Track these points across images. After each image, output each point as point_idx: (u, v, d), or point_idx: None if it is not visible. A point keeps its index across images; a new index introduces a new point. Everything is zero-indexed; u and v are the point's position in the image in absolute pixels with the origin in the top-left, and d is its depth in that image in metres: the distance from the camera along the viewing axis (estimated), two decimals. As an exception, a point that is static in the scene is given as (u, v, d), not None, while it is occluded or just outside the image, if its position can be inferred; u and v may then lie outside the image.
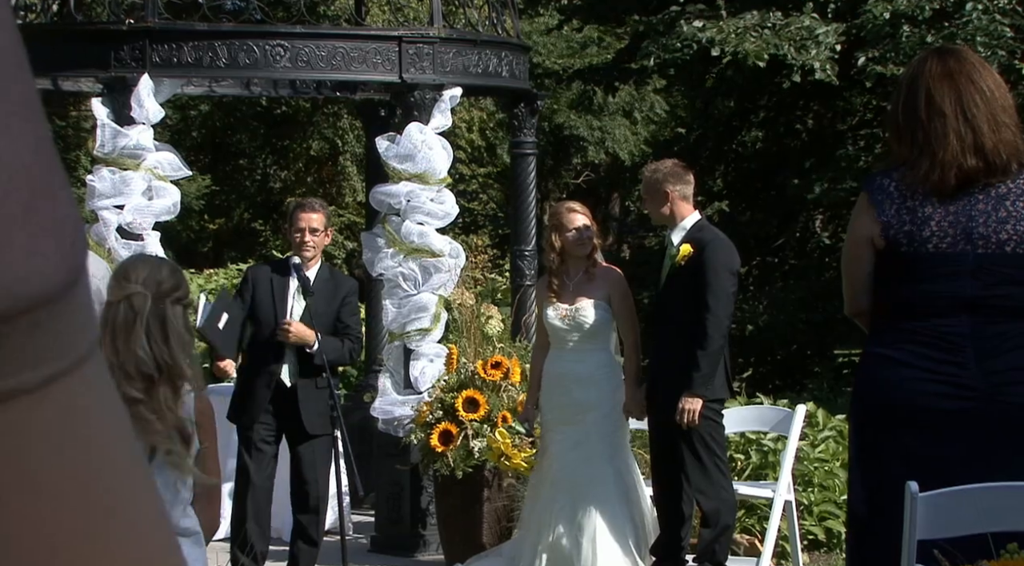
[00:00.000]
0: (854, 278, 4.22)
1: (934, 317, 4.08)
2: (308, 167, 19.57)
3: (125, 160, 8.12)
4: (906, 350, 4.09)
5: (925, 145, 4.08)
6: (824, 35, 13.17)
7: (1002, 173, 4.09)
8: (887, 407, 4.10)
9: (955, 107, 4.07)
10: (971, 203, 4.08)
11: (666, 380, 6.83)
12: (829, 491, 8.49)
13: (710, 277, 6.76)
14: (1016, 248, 4.09)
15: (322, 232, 7.20)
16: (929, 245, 4.08)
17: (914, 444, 4.06)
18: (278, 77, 9.05)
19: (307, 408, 7.03)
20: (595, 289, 7.01)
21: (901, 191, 4.09)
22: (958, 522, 3.60)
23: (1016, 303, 4.12)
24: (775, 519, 7.69)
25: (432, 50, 8.56)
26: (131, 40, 8.27)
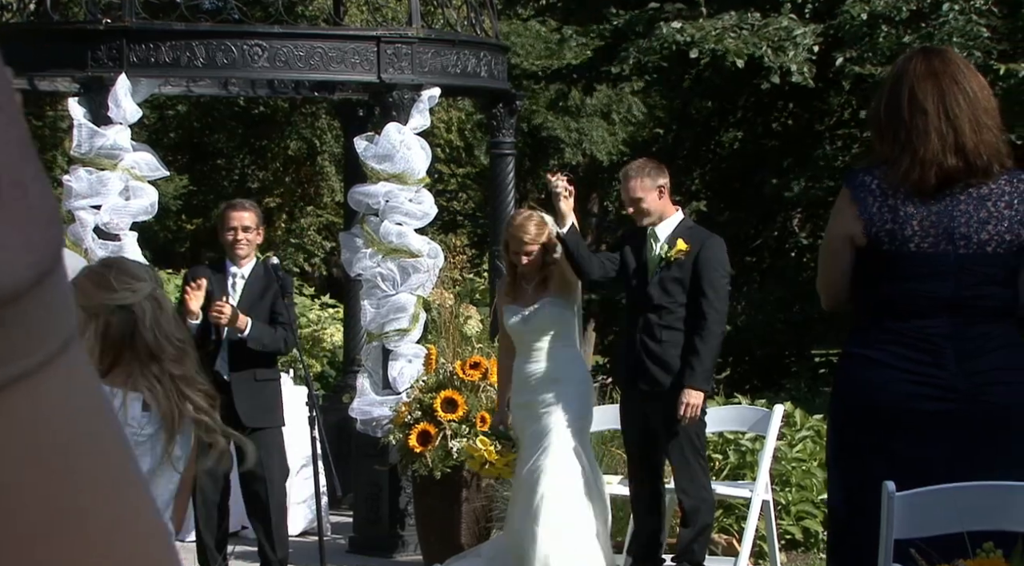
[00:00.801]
0: (832, 274, 4.22)
1: (915, 318, 4.09)
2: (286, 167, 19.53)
3: (102, 160, 8.10)
4: (886, 351, 4.09)
5: (907, 143, 4.08)
6: (802, 36, 13.20)
7: (983, 174, 4.10)
8: (867, 408, 4.11)
9: (938, 106, 4.07)
10: (953, 203, 4.09)
11: (652, 375, 6.88)
12: (807, 491, 8.51)
13: (710, 273, 6.88)
14: (997, 248, 4.10)
15: (254, 230, 7.25)
16: (911, 244, 4.08)
17: (895, 445, 4.07)
18: (256, 77, 9.03)
19: (242, 401, 7.03)
20: (551, 285, 7.02)
21: (883, 189, 4.10)
22: (935, 521, 3.61)
23: (997, 304, 4.13)
24: (753, 519, 7.70)
25: (411, 50, 8.55)
26: (108, 40, 8.24)
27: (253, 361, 7.10)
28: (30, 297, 0.56)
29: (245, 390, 7.08)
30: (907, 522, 3.62)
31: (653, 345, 6.91)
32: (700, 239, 6.96)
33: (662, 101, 17.50)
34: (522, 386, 7.03)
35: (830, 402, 4.37)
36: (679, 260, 6.88)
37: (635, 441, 7.08)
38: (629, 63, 13.67)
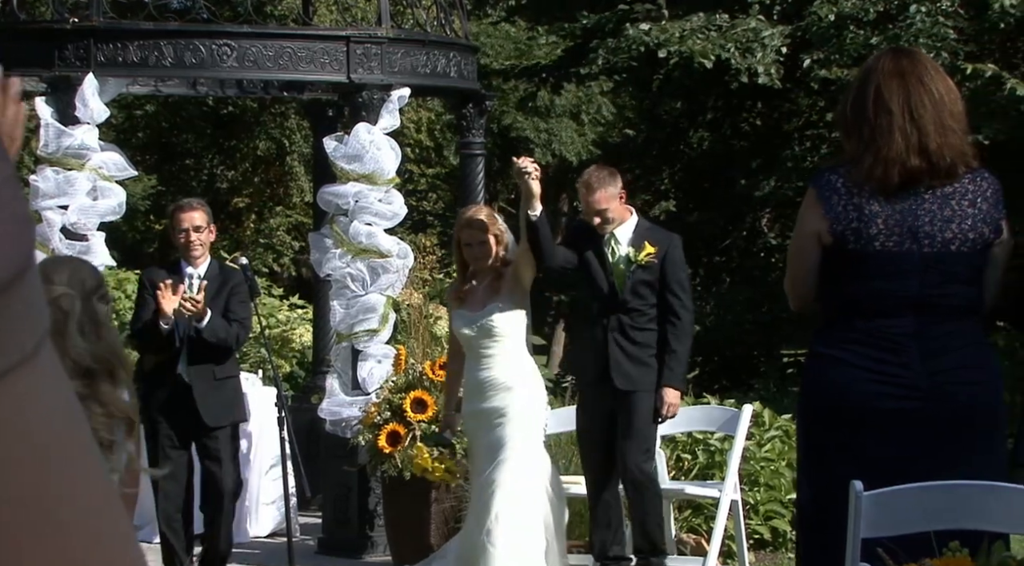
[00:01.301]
0: (800, 273, 4.23)
1: (880, 317, 4.10)
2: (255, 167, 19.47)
3: (69, 160, 8.06)
4: (851, 350, 4.11)
5: (871, 141, 4.10)
6: (770, 37, 13.25)
7: (946, 176, 4.11)
8: (834, 408, 4.12)
9: (903, 106, 4.08)
10: (917, 202, 4.10)
11: (629, 375, 6.95)
12: (775, 491, 8.54)
13: (679, 273, 7.05)
14: (961, 247, 4.11)
15: (205, 229, 7.24)
16: (876, 243, 4.09)
17: (861, 444, 4.08)
18: (225, 77, 9.01)
19: (203, 400, 7.04)
20: (502, 289, 6.90)
21: (848, 187, 4.11)
22: (902, 521, 3.63)
23: (962, 302, 4.14)
24: (721, 518, 7.72)
25: (380, 50, 8.54)
26: (75, 39, 8.21)
27: (211, 360, 7.11)
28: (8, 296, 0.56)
29: (206, 389, 7.09)
30: (874, 521, 3.63)
31: (629, 346, 6.96)
32: (663, 240, 7.07)
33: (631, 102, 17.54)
34: (474, 394, 6.90)
35: (798, 402, 4.38)
36: (649, 263, 6.95)
37: (600, 440, 7.09)
38: (598, 63, 13.70)
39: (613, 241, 7.02)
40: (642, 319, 6.99)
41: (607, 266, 7.02)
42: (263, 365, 9.81)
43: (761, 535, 8.51)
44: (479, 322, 6.85)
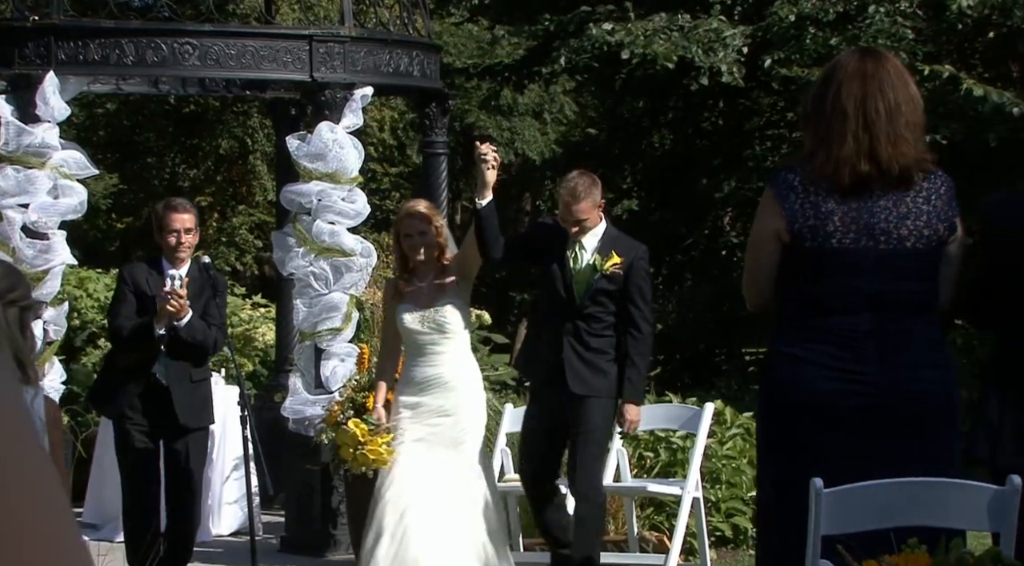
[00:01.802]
0: (759, 272, 4.24)
1: (837, 314, 4.12)
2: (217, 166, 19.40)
3: (30, 158, 8.02)
4: (809, 348, 4.12)
5: (824, 138, 4.11)
6: (731, 37, 13.29)
7: (899, 183, 4.10)
8: (793, 405, 4.14)
9: (857, 109, 4.09)
10: (873, 199, 4.12)
11: (585, 380, 6.89)
12: (737, 488, 8.57)
13: (642, 284, 6.99)
14: (916, 244, 4.14)
15: (194, 231, 7.17)
16: (833, 240, 4.11)
17: (820, 441, 4.10)
18: (186, 75, 8.98)
19: (179, 401, 7.01)
20: (449, 286, 6.76)
21: (805, 186, 4.12)
22: (861, 518, 3.65)
23: (919, 299, 4.17)
24: (683, 516, 7.75)
25: (343, 49, 8.53)
26: (36, 37, 8.16)
27: (189, 361, 7.06)
28: None
29: (182, 391, 7.05)
30: (834, 518, 3.65)
31: (585, 352, 6.88)
32: (630, 250, 6.99)
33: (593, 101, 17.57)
34: (417, 388, 6.73)
35: (758, 399, 4.40)
36: (614, 274, 6.88)
37: (543, 441, 7.01)
38: (561, 63, 13.72)
39: (579, 247, 6.95)
40: (598, 326, 6.90)
41: (567, 270, 6.93)
42: (226, 364, 9.78)
43: (722, 532, 8.54)
44: (431, 318, 6.71)
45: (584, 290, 6.88)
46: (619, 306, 6.90)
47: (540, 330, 7.18)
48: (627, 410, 6.94)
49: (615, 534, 8.33)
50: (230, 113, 18.56)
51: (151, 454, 7.15)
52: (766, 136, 15.63)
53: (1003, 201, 4.51)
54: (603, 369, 6.89)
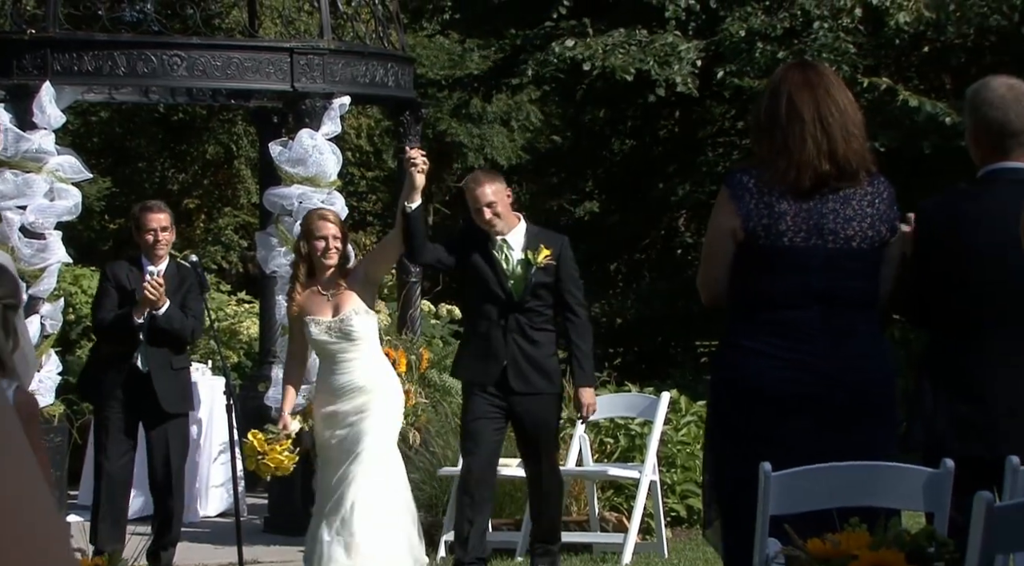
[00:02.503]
0: (714, 268, 4.24)
1: (788, 308, 4.14)
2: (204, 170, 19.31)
3: (28, 163, 7.98)
4: (761, 340, 4.13)
5: (783, 147, 4.13)
6: (686, 51, 13.31)
7: (851, 178, 4.17)
8: (744, 393, 4.15)
9: (813, 115, 4.14)
10: (822, 201, 4.15)
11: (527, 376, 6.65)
12: (691, 472, 8.59)
13: (573, 272, 6.76)
14: (861, 244, 4.17)
15: (170, 229, 7.22)
16: (784, 239, 4.13)
17: (768, 426, 4.11)
18: (175, 85, 8.93)
19: (161, 388, 7.00)
20: (354, 295, 6.46)
21: (759, 187, 4.14)
22: (807, 499, 3.66)
23: (861, 296, 4.20)
24: (641, 498, 7.76)
25: (322, 61, 8.51)
26: (33, 49, 8.11)
27: (168, 349, 7.07)
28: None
29: (163, 378, 7.05)
30: (781, 499, 3.66)
31: (528, 346, 6.64)
32: (555, 241, 6.77)
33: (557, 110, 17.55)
34: (332, 397, 6.46)
35: (709, 387, 4.40)
36: (548, 265, 6.65)
37: (489, 437, 6.70)
38: (527, 75, 13.72)
39: (505, 247, 6.68)
40: (539, 319, 6.67)
41: (498, 270, 6.65)
42: (212, 356, 9.74)
43: (678, 513, 8.56)
44: (336, 328, 6.42)
45: (523, 286, 6.63)
46: (555, 297, 6.69)
47: (477, 329, 6.77)
48: (583, 394, 6.77)
49: (577, 515, 8.33)
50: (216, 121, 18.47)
51: (129, 441, 7.13)
52: (718, 143, 15.66)
53: (936, 206, 4.53)
54: (545, 367, 6.66)
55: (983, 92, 4.31)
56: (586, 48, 13.23)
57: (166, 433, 7.10)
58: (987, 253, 4.24)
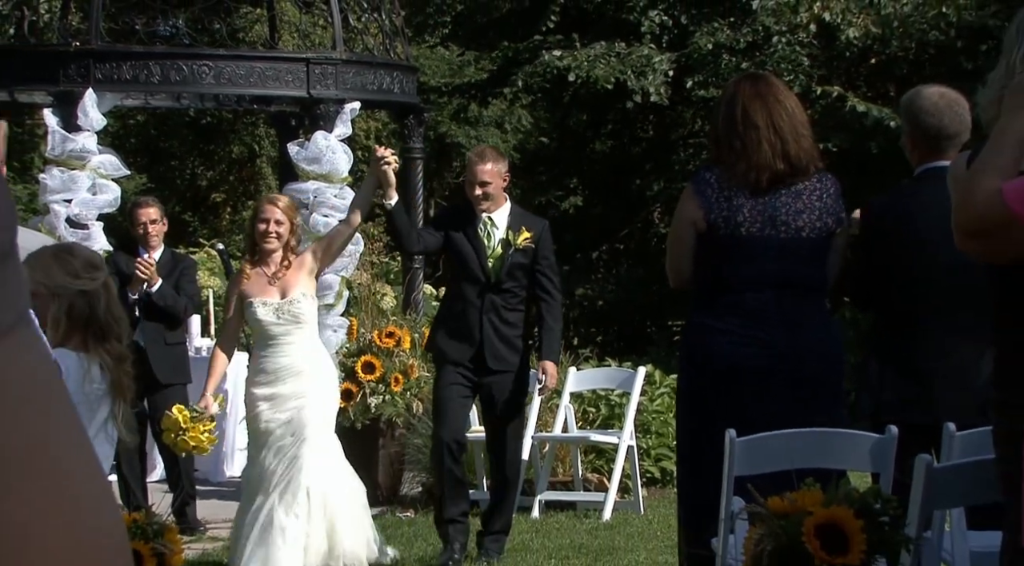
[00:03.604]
0: (679, 255, 4.27)
1: (746, 291, 4.16)
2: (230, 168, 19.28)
3: (73, 161, 7.97)
4: (724, 320, 4.16)
5: (742, 151, 4.16)
6: (659, 62, 13.33)
7: (802, 174, 4.21)
8: (709, 366, 4.17)
9: (767, 121, 4.16)
10: (775, 196, 4.19)
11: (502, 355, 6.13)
12: (664, 437, 8.61)
13: (550, 256, 6.26)
14: (810, 234, 4.21)
15: (159, 221, 7.29)
16: (742, 229, 4.15)
17: (733, 397, 4.13)
18: (204, 92, 8.91)
19: (156, 361, 7.01)
20: (299, 278, 5.93)
21: (720, 184, 4.17)
22: (767, 461, 3.67)
23: (811, 281, 4.23)
24: (620, 460, 7.78)
25: (335, 70, 8.50)
26: (77, 60, 8.10)
27: (162, 325, 7.15)
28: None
29: (158, 352, 7.12)
30: (744, 462, 3.67)
31: (503, 326, 6.12)
32: (537, 225, 6.25)
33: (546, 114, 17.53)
34: (270, 378, 5.88)
35: (679, 362, 4.42)
36: (527, 247, 6.14)
37: (459, 412, 6.20)
38: (518, 84, 13.72)
39: (490, 224, 6.15)
40: (514, 300, 6.14)
41: (479, 248, 6.12)
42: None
43: (652, 474, 8.57)
44: (285, 309, 5.86)
45: (500, 266, 6.11)
46: (530, 279, 6.18)
47: (455, 307, 6.24)
48: (547, 367, 6.20)
49: (563, 475, 8.35)
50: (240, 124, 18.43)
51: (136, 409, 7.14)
52: (689, 144, 15.65)
53: (881, 203, 4.55)
54: (516, 345, 6.16)
55: (918, 101, 4.33)
56: (572, 59, 13.24)
57: (164, 401, 7.08)
58: (925, 244, 4.25)
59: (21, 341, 0.57)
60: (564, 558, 6.57)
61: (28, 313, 0.58)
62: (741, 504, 3.39)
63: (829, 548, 2.99)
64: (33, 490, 0.56)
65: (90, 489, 0.58)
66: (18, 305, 0.57)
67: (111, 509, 0.59)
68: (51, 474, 0.57)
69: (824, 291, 4.32)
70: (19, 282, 0.57)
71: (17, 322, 0.57)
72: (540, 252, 6.19)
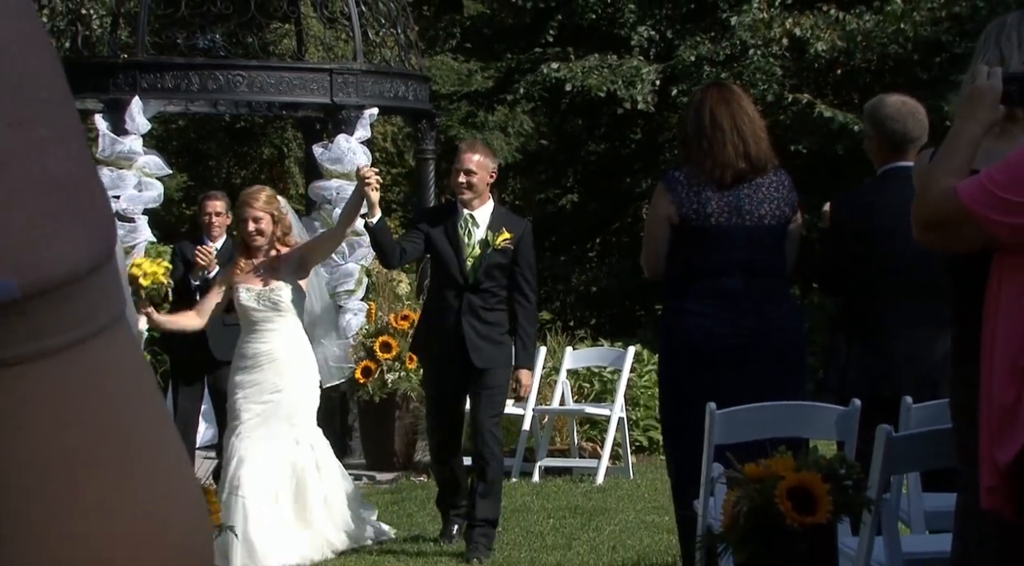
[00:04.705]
0: (655, 248, 4.30)
1: (717, 277, 4.19)
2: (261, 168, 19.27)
3: (120, 161, 7.96)
4: (699, 303, 4.18)
5: (709, 150, 4.21)
6: (647, 73, 13.34)
7: (761, 171, 4.27)
8: (687, 346, 4.18)
9: (731, 124, 4.22)
10: (740, 189, 4.25)
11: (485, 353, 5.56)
12: (651, 410, 8.62)
13: (530, 258, 5.69)
14: (771, 221, 4.26)
15: (224, 214, 7.15)
16: (712, 220, 4.18)
17: (707, 373, 4.14)
18: (238, 99, 8.90)
19: (214, 341, 6.85)
20: (283, 269, 5.62)
21: (689, 180, 4.22)
22: (743, 432, 3.67)
23: (773, 266, 4.28)
24: (612, 430, 7.79)
25: (355, 79, 8.48)
26: (125, 70, 8.09)
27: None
28: (88, 280, 0.55)
29: (216, 332, 7.06)
30: (723, 432, 3.67)
31: (481, 326, 5.54)
32: (518, 226, 5.68)
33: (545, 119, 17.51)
34: (245, 362, 5.59)
35: (660, 343, 4.43)
36: (505, 248, 5.57)
37: (451, 411, 5.70)
38: (520, 92, 13.71)
39: (471, 223, 5.59)
40: (493, 300, 5.56)
41: (459, 248, 5.57)
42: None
43: (641, 443, 8.58)
44: (266, 296, 5.57)
45: (478, 266, 5.55)
46: (509, 279, 5.60)
47: (435, 307, 5.73)
48: (522, 375, 5.66)
49: (560, 444, 8.36)
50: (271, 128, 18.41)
51: (194, 385, 7.16)
52: (674, 146, 15.61)
53: (848, 198, 4.57)
54: (500, 341, 5.59)
55: (883, 108, 4.36)
56: (568, 71, 13.25)
57: (222, 377, 7.09)
58: (887, 236, 4.26)
59: (117, 338, 0.57)
60: (561, 518, 6.58)
61: (124, 312, 0.58)
62: (720, 470, 3.40)
63: (799, 509, 2.99)
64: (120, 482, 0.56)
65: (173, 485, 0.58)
66: (116, 304, 0.57)
67: (194, 504, 0.59)
68: (138, 466, 0.57)
69: (785, 276, 4.37)
70: (117, 282, 0.58)
71: (114, 320, 0.57)
72: (520, 253, 5.60)
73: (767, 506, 2.97)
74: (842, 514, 3.08)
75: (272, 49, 14.22)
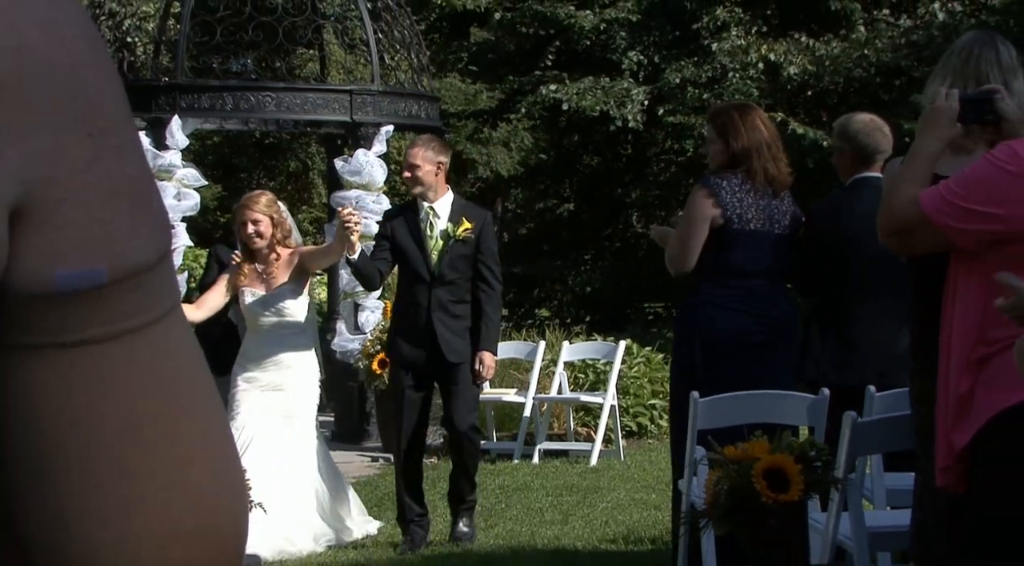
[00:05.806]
0: (692, 245, 4.15)
1: (747, 277, 4.20)
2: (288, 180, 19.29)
3: (161, 174, 7.97)
4: (728, 297, 4.19)
5: (764, 164, 4.23)
6: (636, 93, 13.36)
7: (784, 187, 4.29)
8: (721, 337, 4.13)
9: (776, 142, 4.29)
10: (767, 199, 4.28)
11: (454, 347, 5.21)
12: (640, 398, 8.61)
13: (492, 246, 5.30)
14: (789, 231, 4.30)
15: None
16: (751, 224, 4.21)
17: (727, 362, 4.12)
18: (267, 117, 8.91)
19: None
20: (285, 274, 5.31)
21: (731, 187, 4.21)
22: (725, 418, 3.67)
23: (784, 268, 4.35)
24: (604, 417, 7.78)
25: (373, 99, 8.49)
26: (166, 92, 8.10)
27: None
28: (155, 271, 0.58)
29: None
30: (706, 418, 3.67)
31: (451, 321, 5.18)
32: (479, 216, 5.29)
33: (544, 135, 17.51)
34: (252, 362, 5.30)
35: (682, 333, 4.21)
36: (467, 238, 5.20)
37: (420, 407, 5.32)
38: (521, 111, 13.73)
39: (432, 216, 5.21)
40: (459, 292, 5.18)
41: (424, 241, 5.21)
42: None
43: (631, 428, 8.58)
44: (271, 301, 5.28)
45: (442, 258, 5.19)
46: (473, 270, 5.22)
47: (404, 305, 5.33)
48: (485, 357, 5.20)
49: (558, 429, 8.36)
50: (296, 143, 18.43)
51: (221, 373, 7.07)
52: (661, 160, 15.63)
53: (821, 207, 4.58)
54: (466, 335, 5.22)
55: (852, 125, 4.38)
56: (565, 91, 13.28)
57: None
58: (855, 239, 4.27)
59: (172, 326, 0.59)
60: (559, 496, 6.58)
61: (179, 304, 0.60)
62: (703, 453, 3.39)
63: (774, 487, 2.99)
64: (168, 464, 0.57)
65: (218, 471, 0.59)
66: (175, 293, 0.59)
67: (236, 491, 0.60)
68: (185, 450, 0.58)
69: (785, 277, 4.42)
70: (173, 275, 0.59)
71: (170, 311, 0.58)
72: (482, 243, 5.19)
73: (745, 485, 2.96)
74: (812, 492, 3.09)
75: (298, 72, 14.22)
